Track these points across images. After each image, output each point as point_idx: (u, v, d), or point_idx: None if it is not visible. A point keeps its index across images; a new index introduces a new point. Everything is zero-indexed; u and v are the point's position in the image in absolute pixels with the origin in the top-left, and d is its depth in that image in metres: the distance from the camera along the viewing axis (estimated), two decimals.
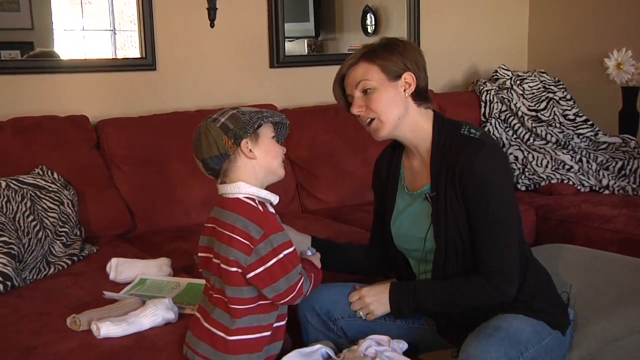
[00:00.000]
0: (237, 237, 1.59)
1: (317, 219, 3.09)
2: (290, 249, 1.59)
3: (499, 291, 1.74)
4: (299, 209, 3.32)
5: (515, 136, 3.84)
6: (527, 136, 3.81)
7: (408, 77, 1.79)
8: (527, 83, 3.98)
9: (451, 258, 1.79)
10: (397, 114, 1.80)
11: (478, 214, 1.74)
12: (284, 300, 1.61)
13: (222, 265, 1.61)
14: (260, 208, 1.62)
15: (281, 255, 1.58)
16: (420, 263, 1.90)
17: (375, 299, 1.84)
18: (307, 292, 1.66)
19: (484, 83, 3.98)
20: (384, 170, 2.00)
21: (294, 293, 1.60)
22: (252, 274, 1.58)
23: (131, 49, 3.27)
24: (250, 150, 1.63)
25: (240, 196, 1.62)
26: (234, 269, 1.59)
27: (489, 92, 3.91)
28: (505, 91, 3.93)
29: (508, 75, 4.02)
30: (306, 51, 3.92)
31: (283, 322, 1.70)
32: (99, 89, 3.17)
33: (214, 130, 1.61)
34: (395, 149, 1.96)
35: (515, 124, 3.85)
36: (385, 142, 1.96)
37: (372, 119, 1.82)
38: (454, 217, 1.76)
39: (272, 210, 1.68)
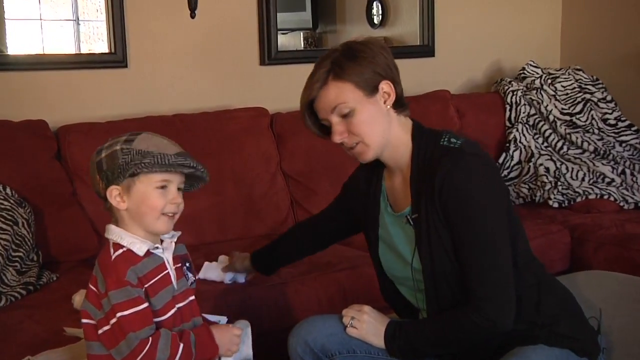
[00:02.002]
0: (91, 287, 1.64)
1: None
2: (127, 312, 1.58)
3: (489, 322, 1.74)
4: None
5: (546, 144, 3.84)
6: (560, 144, 3.81)
7: (385, 86, 1.81)
8: (559, 82, 3.99)
9: (442, 287, 1.80)
10: (381, 131, 1.82)
11: (460, 233, 1.75)
12: None
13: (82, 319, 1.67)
14: (115, 254, 1.61)
15: (114, 319, 1.58)
16: (416, 293, 1.91)
17: (373, 324, 1.88)
18: None
19: (509, 82, 3.98)
20: (363, 187, 2.01)
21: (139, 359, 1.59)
22: (100, 330, 1.62)
23: (98, 42, 3.27)
24: (123, 199, 1.64)
25: (111, 241, 1.66)
26: (85, 321, 1.65)
27: (515, 93, 3.92)
28: (535, 92, 3.94)
29: (537, 74, 4.03)
30: (302, 46, 3.94)
31: None
32: (60, 90, 3.17)
33: (93, 165, 1.66)
34: (376, 167, 1.97)
35: (546, 130, 3.85)
36: None
37: (357, 143, 1.84)
38: (439, 240, 1.77)
39: (164, 255, 1.67)
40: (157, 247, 1.66)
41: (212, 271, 2.52)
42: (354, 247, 2.99)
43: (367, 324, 1.88)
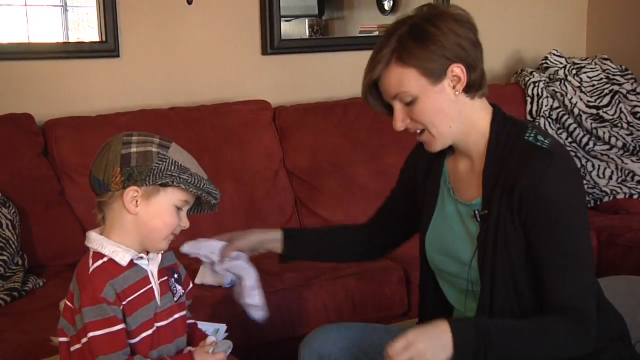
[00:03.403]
0: (67, 302, 1.62)
1: None
2: (99, 332, 1.54)
3: (584, 332, 1.71)
4: None
5: (570, 139, 3.83)
6: (585, 139, 3.80)
7: (455, 69, 1.76)
8: (585, 73, 3.97)
9: (499, 294, 1.77)
10: (449, 121, 1.77)
11: (547, 246, 1.71)
12: None
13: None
14: (94, 266, 1.58)
15: (85, 339, 1.56)
16: (468, 295, 1.87)
17: (431, 344, 1.67)
18: None
19: (531, 73, 3.97)
20: (422, 166, 1.96)
21: None
22: (72, 348, 1.60)
23: (87, 29, 3.28)
24: (137, 203, 1.60)
25: (91, 250, 1.62)
26: (62, 339, 1.63)
27: (536, 84, 3.91)
28: (558, 83, 3.93)
29: (561, 63, 4.02)
30: (307, 34, 3.93)
31: None
32: (47, 81, 3.17)
33: (115, 152, 1.59)
34: None
35: (570, 125, 3.84)
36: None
37: (422, 130, 1.80)
38: (506, 245, 1.74)
39: (148, 267, 1.64)
40: (141, 257, 1.62)
41: (209, 276, 2.52)
42: None
43: (429, 351, 1.65)
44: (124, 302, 1.57)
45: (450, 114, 1.77)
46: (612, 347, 1.82)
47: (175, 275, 1.71)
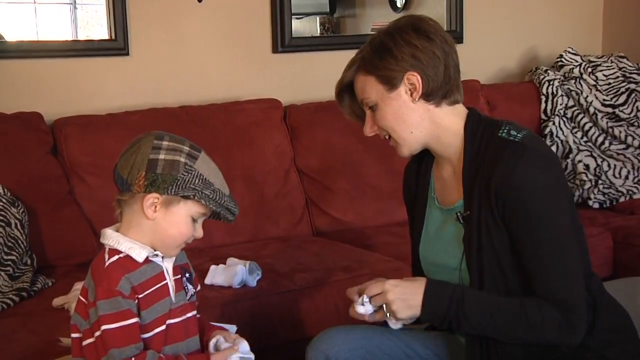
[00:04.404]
0: (81, 297, 1.64)
1: (332, 244, 3.09)
2: (113, 325, 1.56)
3: (570, 325, 1.73)
4: (309, 230, 3.33)
5: (585, 139, 3.82)
6: (601, 139, 3.79)
7: (411, 77, 1.82)
8: (601, 71, 3.96)
9: (489, 291, 1.80)
10: (408, 127, 1.85)
11: (526, 238, 1.73)
12: None
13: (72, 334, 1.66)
14: (110, 261, 1.61)
15: (99, 332, 1.58)
16: None
17: (402, 299, 1.80)
18: None
19: (545, 71, 3.97)
20: (412, 181, 2.04)
21: None
22: (84, 342, 1.62)
23: (97, 27, 3.29)
24: (155, 209, 1.63)
25: (107, 247, 1.65)
26: (75, 335, 1.64)
27: (551, 82, 3.90)
28: (573, 81, 3.92)
29: (576, 61, 4.01)
30: (318, 32, 3.94)
31: None
32: (55, 80, 3.19)
33: (143, 155, 1.62)
34: (424, 156, 1.98)
35: (585, 124, 3.84)
36: None
37: (388, 137, 1.90)
38: (491, 242, 1.77)
39: (164, 264, 1.66)
40: (156, 255, 1.66)
41: (219, 276, 2.53)
42: (374, 250, 3.00)
43: (395, 303, 1.78)
44: (139, 296, 1.60)
45: (410, 121, 1.85)
46: (618, 341, 1.83)
47: (187, 275, 1.74)
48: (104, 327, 1.56)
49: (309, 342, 1.96)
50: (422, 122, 1.84)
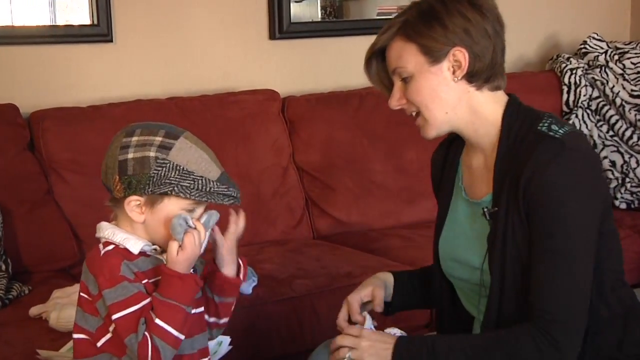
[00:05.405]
0: (82, 294, 1.65)
1: (334, 248, 3.09)
2: (123, 312, 1.57)
3: (552, 344, 1.71)
4: (310, 233, 3.33)
5: (611, 133, 3.82)
6: (628, 133, 3.79)
7: (457, 54, 1.80)
8: (629, 59, 3.96)
9: (510, 298, 1.78)
10: (444, 107, 1.82)
11: (537, 242, 1.73)
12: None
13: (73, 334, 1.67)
14: (105, 249, 1.63)
15: (113, 325, 1.59)
16: (481, 301, 1.88)
17: (373, 349, 1.80)
18: None
19: (568, 59, 3.97)
20: (438, 169, 2.03)
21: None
22: (99, 342, 1.63)
23: (77, 12, 3.29)
24: (142, 211, 1.63)
25: (102, 239, 1.67)
26: (78, 336, 1.66)
27: (574, 71, 3.90)
28: (598, 70, 3.92)
29: (602, 48, 4.01)
30: (319, 16, 3.93)
31: None
32: (33, 68, 3.19)
33: (113, 157, 1.63)
34: (454, 141, 1.98)
35: (611, 116, 3.84)
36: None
37: (418, 113, 1.85)
38: (516, 242, 1.76)
39: (162, 257, 1.67)
40: (155, 249, 1.66)
41: None
42: (379, 255, 3.00)
43: (367, 351, 1.80)
44: (144, 282, 1.61)
45: (447, 100, 1.82)
46: None
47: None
48: (114, 316, 1.57)
49: (309, 355, 1.96)
50: (459, 103, 1.82)
